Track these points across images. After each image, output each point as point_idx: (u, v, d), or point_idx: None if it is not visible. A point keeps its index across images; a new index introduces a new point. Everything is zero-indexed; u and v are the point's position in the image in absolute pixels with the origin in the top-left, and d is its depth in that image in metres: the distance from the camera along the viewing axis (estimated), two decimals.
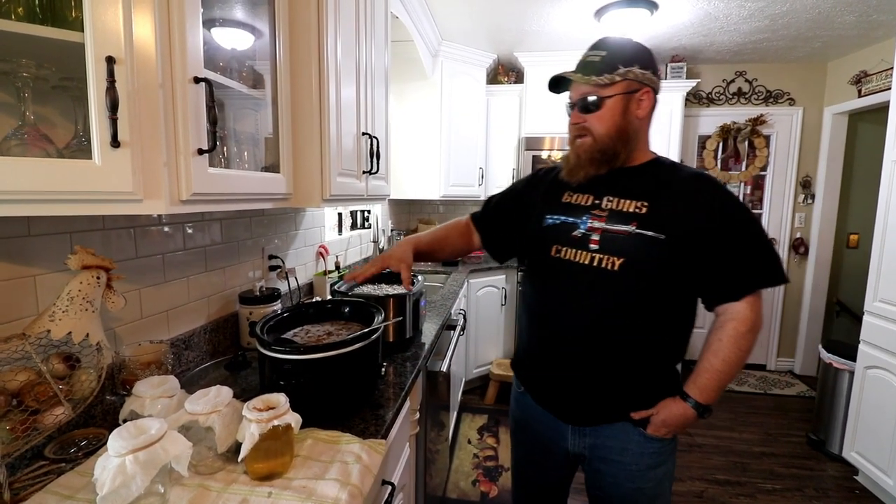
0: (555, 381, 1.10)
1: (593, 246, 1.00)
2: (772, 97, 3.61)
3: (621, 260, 0.97)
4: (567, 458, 1.14)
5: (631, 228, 0.98)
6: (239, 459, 0.76)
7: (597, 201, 1.04)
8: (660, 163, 1.06)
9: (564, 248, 1.04)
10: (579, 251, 1.02)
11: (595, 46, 1.02)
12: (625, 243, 0.98)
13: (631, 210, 0.99)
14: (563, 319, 1.05)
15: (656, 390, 1.04)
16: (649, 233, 0.96)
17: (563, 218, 1.07)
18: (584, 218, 1.04)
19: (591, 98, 0.98)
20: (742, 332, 0.97)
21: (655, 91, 1.01)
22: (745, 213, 0.99)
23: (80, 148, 0.78)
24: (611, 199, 1.03)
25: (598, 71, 0.97)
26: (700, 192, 0.98)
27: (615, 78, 0.96)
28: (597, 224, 1.02)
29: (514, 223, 1.21)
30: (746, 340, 0.98)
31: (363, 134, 1.57)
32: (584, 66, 1.00)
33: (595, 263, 0.99)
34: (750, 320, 0.97)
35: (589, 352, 1.02)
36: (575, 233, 1.04)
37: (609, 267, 0.98)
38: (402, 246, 1.25)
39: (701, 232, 0.95)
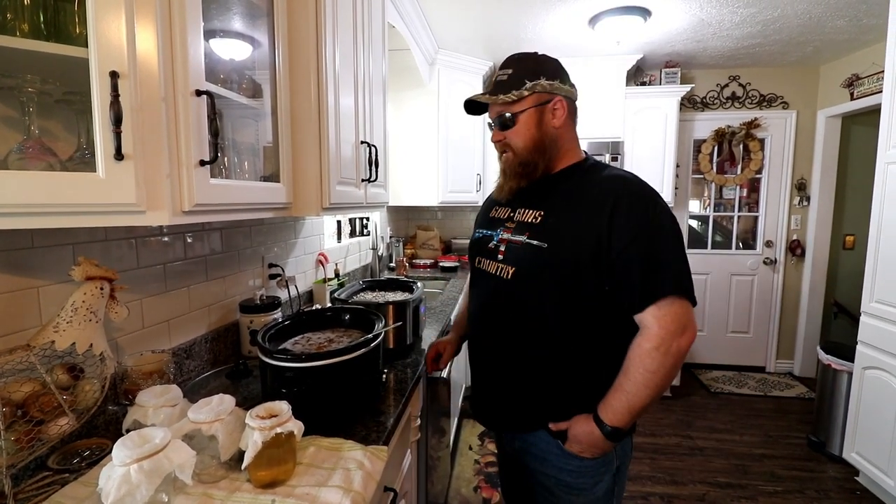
0: (479, 387, 1.18)
1: (500, 256, 1.05)
2: (765, 101, 3.64)
3: (513, 269, 1.01)
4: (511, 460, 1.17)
5: (524, 238, 1.00)
6: (242, 467, 0.76)
7: (511, 213, 1.08)
8: (579, 167, 1.04)
9: (482, 259, 1.11)
10: (490, 261, 1.07)
11: (503, 66, 1.03)
12: (518, 253, 1.01)
13: (529, 220, 1.02)
14: (480, 327, 1.13)
15: (574, 403, 0.99)
16: (535, 242, 0.97)
17: (485, 231, 1.14)
18: (498, 230, 1.08)
19: (506, 115, 1.01)
20: (646, 350, 0.88)
21: (569, 97, 1.03)
22: (653, 218, 0.90)
23: (83, 160, 0.79)
24: (521, 210, 1.05)
25: (506, 89, 0.99)
26: (604, 196, 0.93)
27: (523, 93, 0.98)
28: (505, 235, 1.06)
29: None
30: (652, 359, 0.87)
31: (361, 142, 1.58)
32: (495, 86, 1.02)
33: (497, 273, 1.04)
34: (656, 336, 0.87)
35: (499, 360, 1.07)
36: (490, 244, 1.09)
37: (505, 276, 1.02)
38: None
39: (593, 237, 0.91)
